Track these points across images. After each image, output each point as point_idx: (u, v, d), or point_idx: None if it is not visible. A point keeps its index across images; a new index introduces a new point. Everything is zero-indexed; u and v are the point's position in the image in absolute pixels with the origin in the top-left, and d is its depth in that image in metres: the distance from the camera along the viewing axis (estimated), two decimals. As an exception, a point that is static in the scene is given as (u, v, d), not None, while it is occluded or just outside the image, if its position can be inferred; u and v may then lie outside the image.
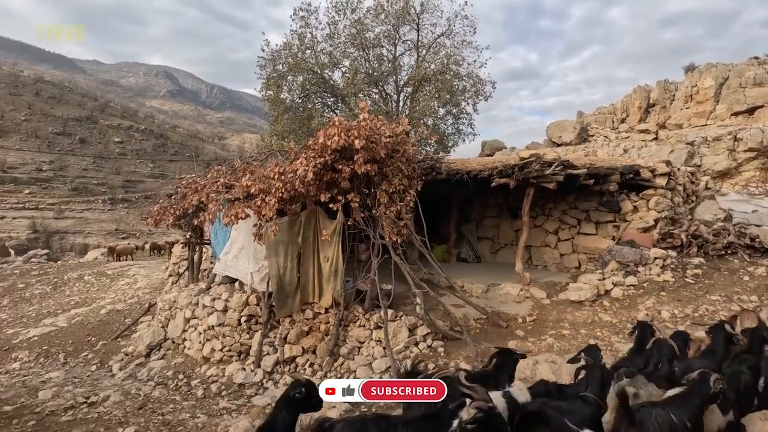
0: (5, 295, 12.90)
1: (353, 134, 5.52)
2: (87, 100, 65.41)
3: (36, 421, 5.15)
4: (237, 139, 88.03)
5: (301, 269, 6.60)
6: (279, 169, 6.05)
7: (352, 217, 6.23)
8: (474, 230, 11.28)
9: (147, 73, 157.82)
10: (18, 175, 45.76)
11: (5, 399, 5.86)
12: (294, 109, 17.20)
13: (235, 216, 6.14)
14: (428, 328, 6.25)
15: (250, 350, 6.48)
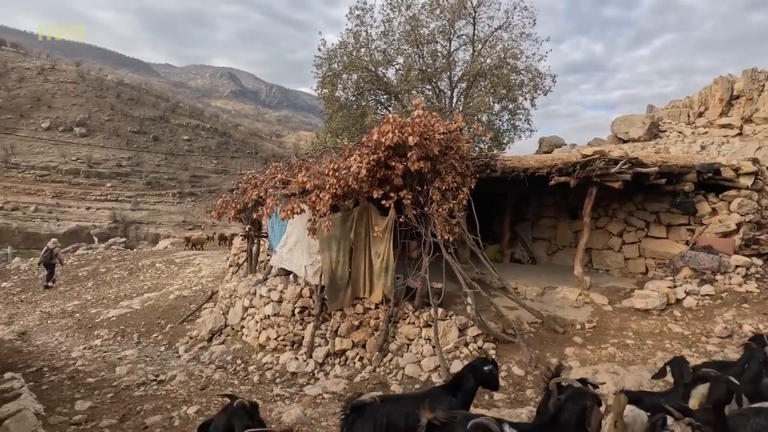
0: (90, 278, 14.34)
1: (407, 131, 5.50)
2: (160, 101, 70.75)
3: (113, 394, 5.66)
4: (293, 136, 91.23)
5: (353, 264, 6.71)
6: (333, 165, 6.18)
7: (404, 215, 6.23)
8: (529, 230, 10.86)
9: (213, 74, 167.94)
10: (101, 170, 50.57)
11: (89, 372, 6.51)
12: (348, 107, 17.49)
13: (291, 211, 6.35)
14: (479, 329, 6.11)
15: (303, 341, 6.70)
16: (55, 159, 48.67)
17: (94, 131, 54.59)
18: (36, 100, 55.35)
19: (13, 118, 51.71)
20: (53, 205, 44.86)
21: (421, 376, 5.71)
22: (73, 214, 44.91)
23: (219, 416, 2.63)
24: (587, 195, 7.38)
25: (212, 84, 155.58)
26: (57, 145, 49.01)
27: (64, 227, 41.78)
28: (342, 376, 5.92)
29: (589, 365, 5.43)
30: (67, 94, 58.26)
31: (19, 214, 42.54)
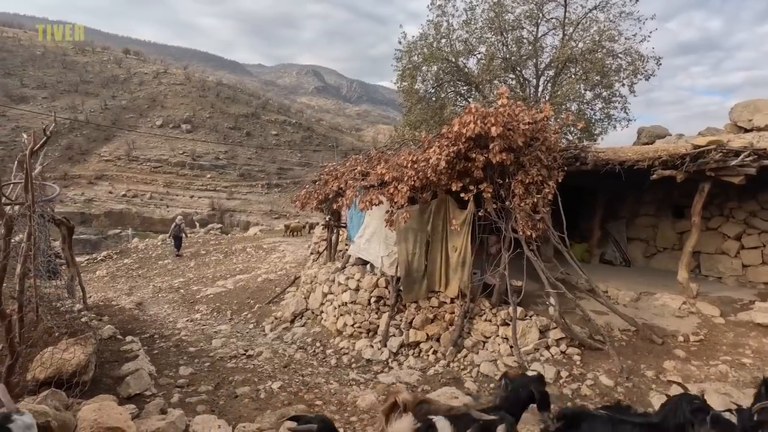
0: (192, 258, 16.06)
1: (490, 121, 5.29)
2: (252, 99, 76.42)
3: (210, 363, 6.28)
4: (371, 130, 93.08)
5: (429, 257, 6.67)
6: (412, 157, 6.17)
7: (484, 208, 6.03)
8: (623, 229, 9.89)
9: (299, 72, 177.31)
10: (203, 162, 56.18)
11: (190, 342, 7.31)
12: (427, 100, 17.35)
13: (369, 202, 6.48)
14: (562, 332, 5.73)
15: (378, 330, 6.84)
16: (166, 153, 55.11)
17: (197, 127, 60.74)
18: (152, 101, 63.02)
19: (134, 117, 59.50)
20: (164, 194, 50.95)
21: (497, 375, 5.51)
22: (180, 201, 50.60)
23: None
24: (698, 191, 6.51)
25: (298, 81, 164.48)
26: (168, 141, 55.44)
27: (172, 213, 47.22)
28: (415, 368, 5.94)
29: (693, 383, 4.82)
30: (176, 95, 65.46)
31: (137, 201, 49.04)
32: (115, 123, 55.75)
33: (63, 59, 68.39)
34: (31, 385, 2.61)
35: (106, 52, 77.59)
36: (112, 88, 64.67)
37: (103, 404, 2.48)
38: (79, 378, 2.75)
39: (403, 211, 6.20)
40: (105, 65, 71.45)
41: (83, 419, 2.24)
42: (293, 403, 5.01)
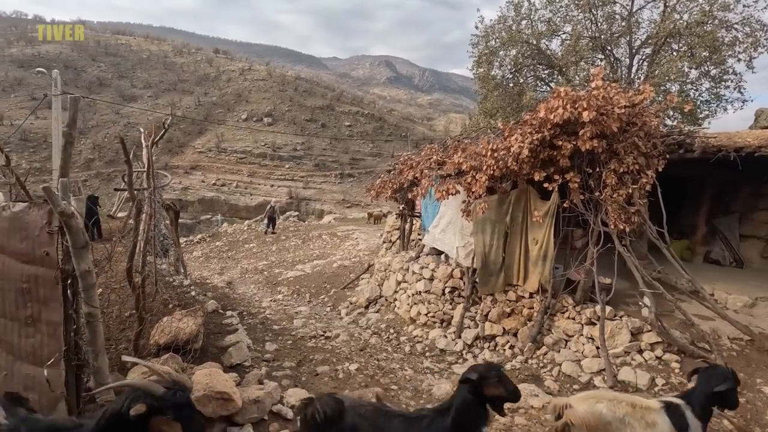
0: (274, 243, 17.17)
1: (581, 106, 4.91)
2: (327, 91, 78.98)
3: (292, 341, 6.69)
4: (443, 119, 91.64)
5: (507, 249, 6.44)
6: (492, 146, 5.95)
7: (569, 199, 5.65)
8: (735, 225, 8.70)
9: (371, 63, 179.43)
10: (282, 153, 59.48)
11: (275, 320, 7.84)
12: (504, 86, 16.65)
13: (446, 192, 6.40)
14: (658, 337, 5.22)
15: (452, 320, 6.79)
16: (250, 144, 59.19)
17: (277, 120, 64.33)
18: (238, 96, 67.83)
19: (223, 111, 64.55)
20: (248, 183, 54.89)
21: (581, 376, 5.21)
22: (261, 190, 54.19)
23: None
24: (839, 182, 5.51)
25: (371, 72, 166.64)
26: (251, 133, 59.45)
27: (254, 201, 50.86)
28: (491, 361, 5.81)
29: (825, 406, 4.15)
30: (259, 90, 69.78)
31: (225, 189, 53.42)
32: (207, 118, 60.94)
33: (164, 61, 76.08)
34: (153, 349, 3.01)
35: (199, 53, 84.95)
36: (204, 86, 70.70)
37: (212, 371, 2.78)
38: (191, 345, 3.11)
39: (481, 201, 6.04)
40: (198, 65, 78.26)
41: (197, 382, 2.53)
42: (369, 385, 5.17)
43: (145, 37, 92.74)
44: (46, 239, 1.91)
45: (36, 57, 67.22)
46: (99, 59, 73.40)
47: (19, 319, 2.05)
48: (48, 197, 1.67)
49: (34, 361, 2.04)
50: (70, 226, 1.69)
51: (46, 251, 1.92)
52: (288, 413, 3.20)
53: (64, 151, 1.87)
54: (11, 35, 78.16)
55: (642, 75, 14.83)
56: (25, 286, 2.01)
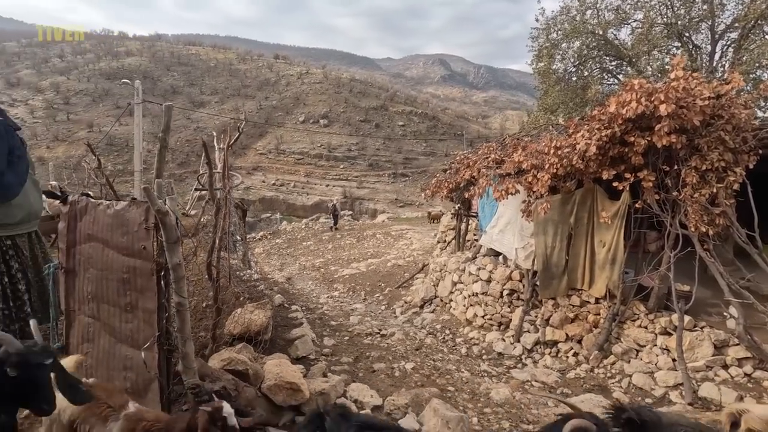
0: (329, 241, 17.66)
1: (657, 99, 4.56)
2: (381, 92, 79.78)
3: (349, 338, 6.84)
4: (499, 117, 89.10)
5: (571, 251, 6.14)
6: (555, 143, 5.70)
7: (642, 199, 5.27)
8: (842, 230, 7.64)
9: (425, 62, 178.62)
10: (337, 154, 60.98)
11: (332, 316, 8.07)
12: (566, 80, 15.85)
13: (505, 191, 6.23)
14: (748, 351, 4.72)
15: (510, 324, 6.60)
16: (307, 146, 61.30)
17: (333, 122, 66.06)
18: (296, 99, 70.52)
19: (282, 114, 67.40)
20: (305, 183, 56.89)
21: (654, 390, 4.85)
22: (317, 190, 55.93)
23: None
24: None
25: (425, 72, 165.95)
26: (308, 135, 61.54)
27: (311, 200, 52.60)
28: (553, 368, 5.58)
29: None
30: (316, 93, 72.06)
31: (284, 189, 55.75)
32: (267, 121, 63.96)
33: (229, 68, 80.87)
34: (228, 338, 3.24)
35: (261, 59, 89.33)
36: (265, 90, 74.27)
37: (281, 361, 2.94)
38: (261, 337, 3.30)
39: (543, 201, 5.81)
40: (260, 71, 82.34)
41: (268, 371, 2.69)
42: (426, 385, 5.16)
43: (213, 46, 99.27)
44: (144, 234, 2.13)
45: (120, 69, 74.26)
46: (173, 69, 79.61)
47: (120, 305, 2.30)
48: (147, 197, 1.86)
49: (132, 344, 2.28)
50: (165, 223, 1.87)
51: (143, 245, 2.14)
52: (351, 407, 3.29)
53: (159, 155, 2.09)
54: (100, 51, 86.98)
55: (727, 62, 13.46)
56: (125, 276, 2.25)
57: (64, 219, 2.44)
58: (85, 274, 2.39)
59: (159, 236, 2.01)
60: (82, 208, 2.41)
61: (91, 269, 2.37)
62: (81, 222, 2.40)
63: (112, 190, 5.02)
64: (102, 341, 2.37)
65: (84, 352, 2.39)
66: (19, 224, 2.85)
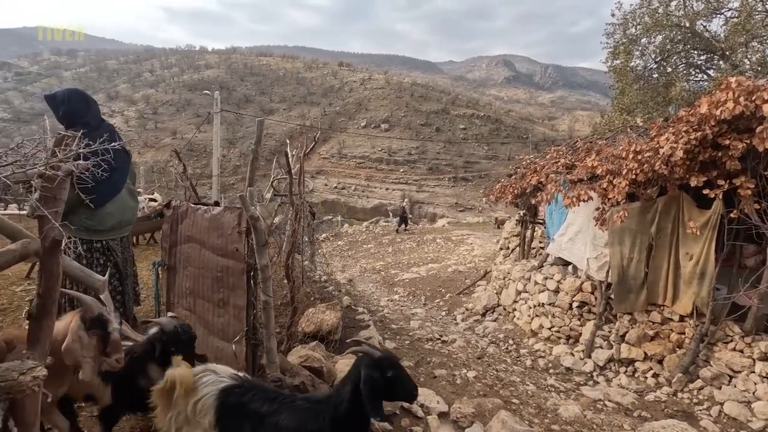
0: (390, 245, 17.85)
1: (760, 97, 4.10)
2: (442, 95, 79.19)
3: (410, 342, 6.88)
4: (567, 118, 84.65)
5: (651, 264, 5.68)
6: (634, 147, 5.33)
7: (739, 208, 4.76)
8: None
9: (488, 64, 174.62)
10: (397, 158, 61.45)
11: (393, 319, 8.16)
12: (646, 78, 14.72)
13: (576, 198, 5.93)
14: None
15: (580, 337, 6.25)
16: (368, 150, 62.47)
17: (393, 126, 66.73)
18: (358, 105, 72.18)
19: (345, 120, 69.33)
20: (365, 186, 57.97)
21: (751, 422, 4.34)
22: (377, 193, 56.73)
23: None
24: None
25: (488, 73, 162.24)
26: (369, 139, 62.70)
27: (371, 203, 53.49)
28: (629, 388, 5.20)
29: None
30: (378, 98, 73.27)
31: (345, 192, 57.23)
32: (331, 126, 66.13)
33: (297, 77, 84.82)
34: (300, 335, 3.43)
35: (326, 67, 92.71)
36: (329, 97, 76.90)
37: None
38: (332, 336, 3.46)
39: (619, 209, 5.45)
40: (325, 78, 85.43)
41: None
42: (488, 395, 5.05)
43: (282, 56, 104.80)
44: (236, 237, 2.34)
45: (200, 81, 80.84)
46: (246, 79, 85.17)
47: (213, 301, 2.54)
48: (242, 204, 2.05)
49: (223, 337, 2.51)
50: (256, 227, 2.05)
51: (236, 247, 2.35)
52: (418, 411, 3.32)
53: (251, 165, 2.29)
54: (184, 65, 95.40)
55: None
56: (219, 275, 2.49)
57: (167, 222, 2.75)
58: (184, 271, 2.67)
59: (249, 239, 2.20)
60: (183, 212, 2.70)
61: (189, 267, 2.64)
62: (182, 225, 2.69)
63: (194, 193, 5.51)
64: (197, 332, 2.63)
65: (181, 341, 2.68)
66: (110, 231, 3.09)
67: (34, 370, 1.09)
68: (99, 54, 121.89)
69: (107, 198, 2.79)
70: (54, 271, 1.23)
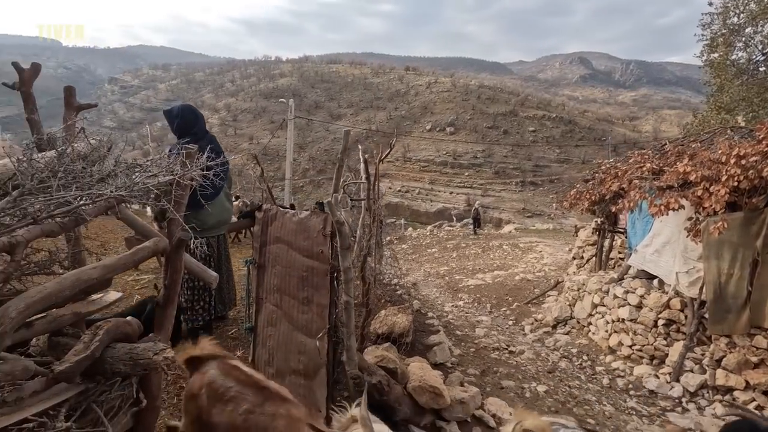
0: (454, 250, 17.63)
1: None
2: (511, 96, 76.67)
3: (475, 350, 6.75)
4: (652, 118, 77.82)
5: (756, 282, 5.07)
6: (737, 150, 4.81)
7: None
8: None
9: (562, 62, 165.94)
10: (462, 161, 60.52)
11: (457, 326, 8.05)
12: (750, 72, 13.13)
13: (665, 206, 5.46)
14: None
15: (666, 359, 5.74)
16: (432, 153, 62.22)
17: (459, 129, 65.87)
18: (424, 108, 72.26)
19: (410, 123, 69.72)
20: (429, 190, 57.75)
21: None
22: (441, 197, 56.25)
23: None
24: None
25: (561, 73, 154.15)
26: (434, 143, 62.42)
27: (434, 207, 53.17)
28: (726, 420, 4.66)
29: None
30: (443, 101, 72.79)
31: (408, 195, 57.46)
32: (396, 130, 66.88)
33: (364, 82, 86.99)
34: (373, 336, 3.54)
35: (392, 72, 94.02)
36: (395, 101, 77.86)
37: (423, 365, 3.11)
38: (404, 339, 3.54)
39: (717, 220, 4.93)
40: (391, 83, 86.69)
41: (412, 373, 2.88)
42: (560, 412, 4.82)
43: (351, 63, 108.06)
44: (322, 240, 2.51)
45: (274, 89, 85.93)
46: (316, 86, 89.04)
47: (298, 298, 2.74)
48: (329, 209, 2.20)
49: (306, 333, 2.68)
50: (341, 231, 2.18)
51: (321, 249, 2.52)
52: (489, 421, 3.28)
53: (337, 172, 2.45)
54: (260, 74, 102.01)
55: None
56: (304, 275, 2.68)
57: (258, 223, 3.01)
58: (272, 269, 2.91)
59: (334, 242, 2.34)
60: (272, 215, 2.94)
61: (277, 266, 2.87)
62: (271, 226, 2.93)
63: (270, 195, 5.89)
64: (282, 327, 2.85)
65: (267, 335, 2.91)
66: (210, 229, 3.52)
67: (165, 351, 1.28)
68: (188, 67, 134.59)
69: (209, 199, 3.17)
70: (178, 266, 1.43)
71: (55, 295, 1.07)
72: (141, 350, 1.25)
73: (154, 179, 1.29)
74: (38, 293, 1.04)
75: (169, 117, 3.81)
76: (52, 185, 1.09)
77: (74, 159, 1.23)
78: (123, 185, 1.19)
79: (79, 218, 1.14)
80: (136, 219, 1.54)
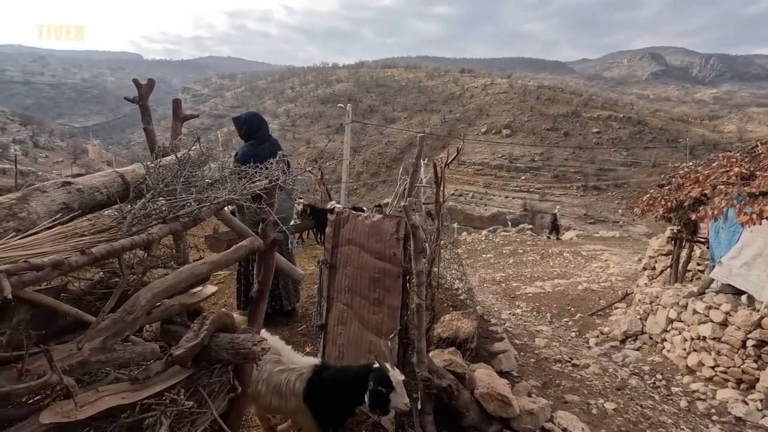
0: (510, 256, 17.10)
1: None
2: (573, 96, 73.09)
3: (535, 360, 6.50)
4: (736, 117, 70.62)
5: None
6: None
7: None
8: None
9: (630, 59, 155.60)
10: (519, 164, 58.59)
11: (515, 334, 7.80)
12: None
13: (757, 215, 4.97)
14: None
15: (757, 384, 5.19)
16: (487, 156, 60.86)
17: (516, 131, 63.90)
18: (479, 111, 70.92)
19: (465, 126, 68.67)
20: (483, 193, 56.53)
21: None
22: (496, 201, 54.83)
23: None
24: None
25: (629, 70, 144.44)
26: (489, 145, 61.00)
27: (488, 211, 51.94)
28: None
29: None
30: (500, 103, 70.97)
31: (462, 199, 56.58)
32: (450, 133, 66.14)
33: (418, 86, 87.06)
34: (436, 341, 3.56)
35: (447, 75, 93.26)
36: (450, 104, 77.13)
37: (489, 372, 3.08)
38: (468, 345, 3.51)
39: (823, 232, 4.40)
40: (446, 86, 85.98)
41: (479, 380, 2.86)
42: (631, 432, 4.52)
43: (405, 67, 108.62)
44: (394, 243, 2.58)
45: (331, 95, 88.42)
46: (371, 90, 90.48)
47: (370, 299, 2.82)
48: (405, 213, 2.27)
49: (377, 333, 2.76)
50: (416, 235, 2.23)
51: (393, 252, 2.59)
52: (559, 435, 3.16)
53: (411, 178, 2.51)
54: (318, 80, 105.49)
55: None
56: (376, 276, 2.76)
57: (331, 225, 3.15)
58: (344, 270, 3.02)
59: (407, 245, 2.39)
60: (344, 218, 3.06)
61: (348, 267, 2.98)
62: (343, 229, 3.05)
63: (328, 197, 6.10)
64: (352, 326, 2.96)
65: (337, 333, 3.03)
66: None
67: (262, 342, 1.39)
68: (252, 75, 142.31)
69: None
70: (270, 264, 1.55)
71: (173, 286, 1.22)
72: (241, 340, 1.38)
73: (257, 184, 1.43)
74: (161, 284, 1.20)
75: (237, 123, 4.25)
76: (176, 188, 1.25)
77: (193, 165, 1.40)
78: (234, 189, 1.33)
79: (197, 218, 1.29)
80: (232, 218, 1.69)
